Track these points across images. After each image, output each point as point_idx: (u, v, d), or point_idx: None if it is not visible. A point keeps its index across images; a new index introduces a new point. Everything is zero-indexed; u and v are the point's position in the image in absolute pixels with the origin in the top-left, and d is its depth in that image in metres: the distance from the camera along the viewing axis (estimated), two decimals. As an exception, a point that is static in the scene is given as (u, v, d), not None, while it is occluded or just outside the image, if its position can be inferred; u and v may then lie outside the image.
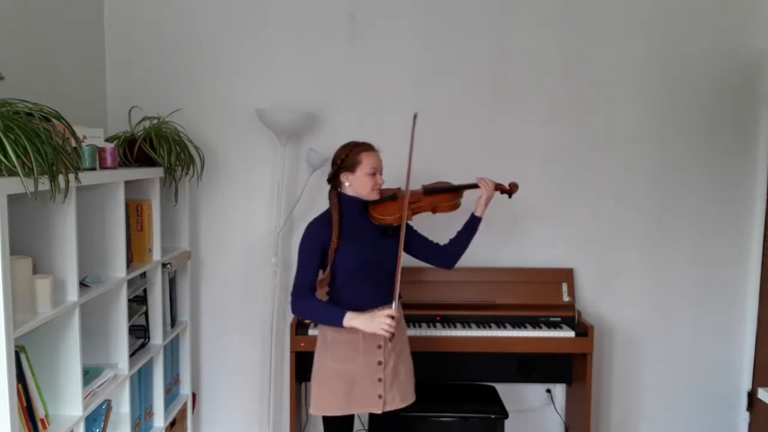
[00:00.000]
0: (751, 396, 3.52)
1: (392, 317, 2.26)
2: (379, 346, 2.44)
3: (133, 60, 3.35)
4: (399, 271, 2.35)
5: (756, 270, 3.48)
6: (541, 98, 3.41)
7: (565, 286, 3.34)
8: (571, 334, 3.12)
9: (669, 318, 3.55)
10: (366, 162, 2.40)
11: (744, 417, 3.58)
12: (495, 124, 3.42)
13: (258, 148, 3.41)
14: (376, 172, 2.43)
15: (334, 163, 2.45)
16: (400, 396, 2.48)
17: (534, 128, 3.42)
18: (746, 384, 3.56)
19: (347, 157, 2.41)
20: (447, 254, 2.62)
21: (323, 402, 2.45)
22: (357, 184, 2.42)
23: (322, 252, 2.40)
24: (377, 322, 2.27)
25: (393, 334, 2.28)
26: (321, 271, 2.45)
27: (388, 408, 2.45)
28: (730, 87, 3.43)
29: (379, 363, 2.43)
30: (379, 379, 2.43)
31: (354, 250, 2.39)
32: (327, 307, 2.38)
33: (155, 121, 2.99)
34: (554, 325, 3.20)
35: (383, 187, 2.49)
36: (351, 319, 2.30)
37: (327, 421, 2.51)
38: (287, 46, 3.37)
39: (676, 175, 3.47)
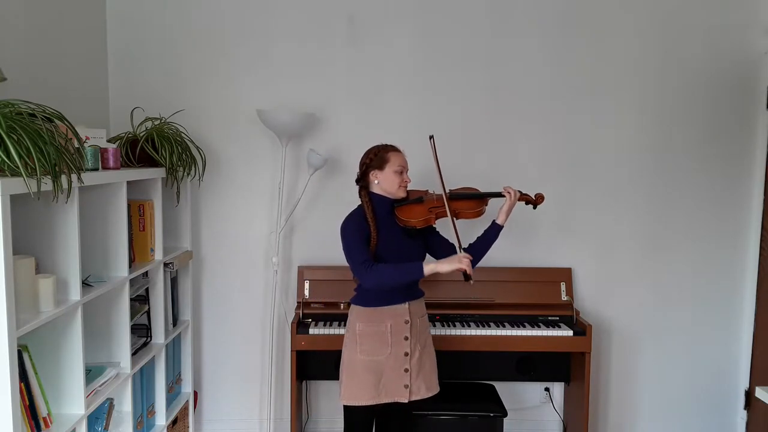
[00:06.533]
0: (749, 395, 3.53)
1: (469, 259, 2.40)
2: (406, 338, 2.53)
3: (135, 61, 3.37)
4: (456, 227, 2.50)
5: (753, 270, 3.49)
6: (541, 100, 3.42)
7: (563, 286, 3.35)
8: (570, 333, 3.13)
9: (667, 317, 3.57)
10: (394, 160, 2.52)
11: (741, 416, 3.60)
12: (495, 126, 3.43)
13: (259, 149, 3.43)
14: (403, 170, 2.54)
15: (362, 164, 2.56)
16: (425, 386, 2.58)
17: (533, 130, 3.44)
18: (744, 383, 3.58)
19: (376, 156, 2.52)
20: None
21: (355, 393, 2.53)
22: (385, 182, 2.52)
23: (366, 240, 2.47)
24: (457, 260, 2.39)
25: (471, 274, 2.40)
26: None
27: (414, 397, 2.55)
28: (727, 90, 3.44)
29: (406, 354, 2.53)
30: (406, 370, 2.53)
31: (385, 248, 2.48)
32: (403, 264, 2.45)
33: (157, 122, 3.00)
34: (553, 324, 3.21)
35: (410, 188, 2.60)
36: (427, 265, 2.41)
37: (354, 411, 2.57)
38: (288, 48, 3.38)
39: (674, 176, 3.48)
